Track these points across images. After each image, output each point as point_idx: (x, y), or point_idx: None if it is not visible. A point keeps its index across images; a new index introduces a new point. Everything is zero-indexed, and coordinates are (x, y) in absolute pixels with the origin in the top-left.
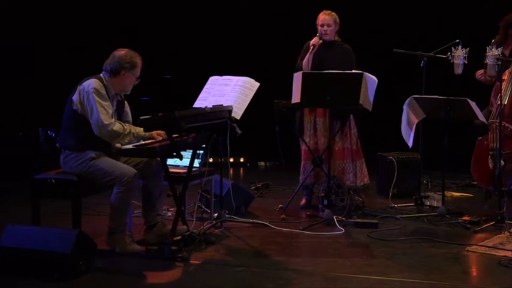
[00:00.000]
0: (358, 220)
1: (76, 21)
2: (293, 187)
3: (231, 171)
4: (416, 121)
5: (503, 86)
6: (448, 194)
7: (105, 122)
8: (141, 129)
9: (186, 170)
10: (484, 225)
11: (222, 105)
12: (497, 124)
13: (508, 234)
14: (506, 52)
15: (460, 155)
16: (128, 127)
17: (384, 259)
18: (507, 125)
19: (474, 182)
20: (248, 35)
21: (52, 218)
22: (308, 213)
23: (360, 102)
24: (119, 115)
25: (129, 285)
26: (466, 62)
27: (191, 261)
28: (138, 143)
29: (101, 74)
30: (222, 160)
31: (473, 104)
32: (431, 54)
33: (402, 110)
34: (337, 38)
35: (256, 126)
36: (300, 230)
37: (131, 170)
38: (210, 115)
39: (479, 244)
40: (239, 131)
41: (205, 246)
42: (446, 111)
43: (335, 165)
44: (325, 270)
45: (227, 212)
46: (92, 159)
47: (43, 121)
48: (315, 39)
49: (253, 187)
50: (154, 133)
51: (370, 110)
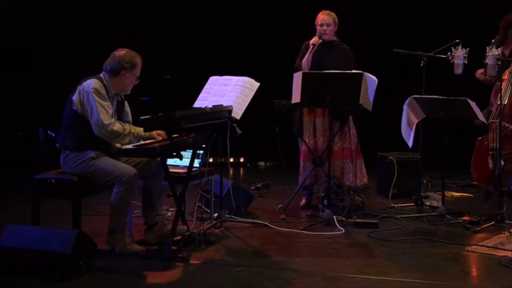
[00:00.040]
0: (358, 220)
1: (76, 21)
2: (293, 187)
3: (231, 171)
4: (416, 121)
5: (503, 86)
6: (448, 194)
7: (105, 122)
8: (141, 129)
9: (186, 170)
10: (484, 225)
11: (222, 105)
12: (497, 124)
13: (508, 234)
14: (506, 52)
15: (460, 155)
16: (128, 127)
17: (384, 259)
18: (507, 125)
19: (474, 182)
20: (248, 35)
21: (52, 218)
22: (308, 213)
23: (360, 102)
24: (119, 115)
25: (129, 285)
26: (466, 62)
27: (191, 261)
28: (138, 143)
29: (101, 74)
30: (222, 160)
31: (473, 104)
32: (431, 54)
33: (402, 110)
34: (335, 38)
35: (256, 126)
36: (300, 230)
37: (131, 169)
38: (210, 115)
39: (479, 244)
40: (239, 131)
41: (205, 246)
42: (446, 111)
43: (334, 165)
44: (325, 270)
45: (227, 212)
46: (92, 159)
47: (43, 121)
48: (315, 39)
49: (253, 187)
50: (154, 133)
51: (370, 110)
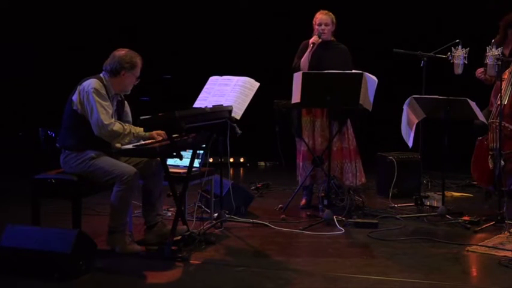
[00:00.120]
0: (358, 220)
1: (76, 21)
2: (293, 187)
3: (231, 171)
4: (416, 121)
5: (503, 86)
6: (448, 194)
7: (105, 122)
8: (141, 129)
9: (186, 170)
10: (484, 225)
11: (222, 105)
12: (497, 124)
13: (508, 234)
14: (506, 52)
15: (460, 155)
16: (128, 127)
17: (384, 259)
18: (507, 125)
19: (474, 182)
20: (248, 35)
21: (52, 218)
22: (308, 213)
23: (360, 102)
24: (119, 115)
25: (129, 285)
26: (466, 62)
27: (191, 261)
28: (138, 143)
29: (100, 74)
30: (222, 160)
31: (473, 104)
32: (431, 54)
33: (402, 110)
34: (333, 38)
35: (256, 126)
36: (300, 230)
37: (131, 168)
38: (210, 115)
39: (479, 244)
40: (239, 131)
41: (205, 246)
42: (446, 111)
43: (333, 165)
44: (325, 270)
45: (227, 212)
46: (92, 159)
47: (43, 121)
48: (315, 38)
49: (253, 187)
50: (154, 133)
51: (370, 110)
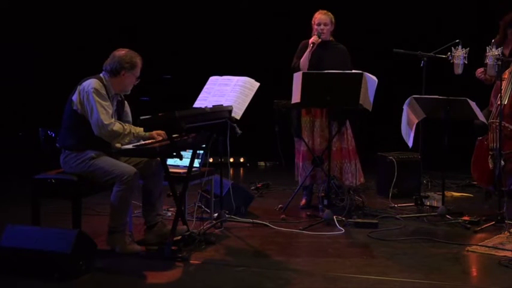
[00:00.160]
0: (358, 220)
1: (76, 21)
2: (293, 187)
3: (231, 171)
4: (416, 121)
5: (503, 86)
6: (448, 194)
7: (105, 122)
8: (141, 129)
9: (186, 170)
10: (484, 225)
11: (222, 105)
12: (497, 124)
13: (508, 234)
14: (506, 52)
15: (460, 155)
16: (128, 127)
17: (384, 259)
18: (507, 125)
19: (474, 182)
20: (248, 35)
21: (52, 218)
22: (308, 213)
23: (360, 102)
24: (119, 115)
25: (129, 285)
26: (466, 62)
27: (191, 261)
28: (138, 143)
29: (100, 74)
30: (222, 160)
31: (473, 104)
32: (431, 54)
33: (402, 110)
34: (331, 38)
35: (256, 126)
36: (300, 230)
37: (131, 168)
38: (210, 115)
39: (479, 244)
40: (239, 131)
41: (205, 246)
42: (446, 111)
43: (333, 165)
44: (325, 270)
45: (227, 212)
46: (92, 159)
47: (43, 121)
48: (315, 38)
49: (253, 187)
50: (154, 133)
51: (370, 110)
